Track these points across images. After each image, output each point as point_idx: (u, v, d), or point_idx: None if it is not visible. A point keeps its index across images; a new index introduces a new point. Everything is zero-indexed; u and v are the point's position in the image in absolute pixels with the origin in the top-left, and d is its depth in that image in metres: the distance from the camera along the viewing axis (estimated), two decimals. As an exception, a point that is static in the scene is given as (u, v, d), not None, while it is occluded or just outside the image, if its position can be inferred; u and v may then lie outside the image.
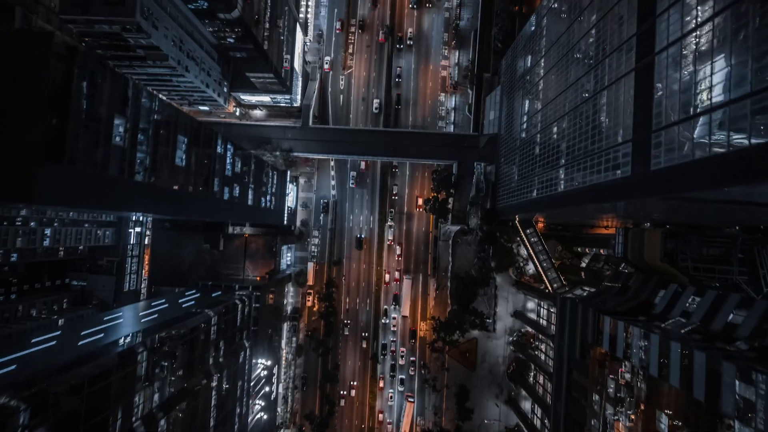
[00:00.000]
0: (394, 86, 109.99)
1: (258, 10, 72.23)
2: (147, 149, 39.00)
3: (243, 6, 64.04)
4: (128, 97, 35.67)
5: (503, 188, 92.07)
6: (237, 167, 64.12)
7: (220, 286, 79.83)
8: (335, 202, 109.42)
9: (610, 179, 47.20)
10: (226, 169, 59.87)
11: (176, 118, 45.62)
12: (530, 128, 77.21)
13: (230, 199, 61.28)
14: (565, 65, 62.97)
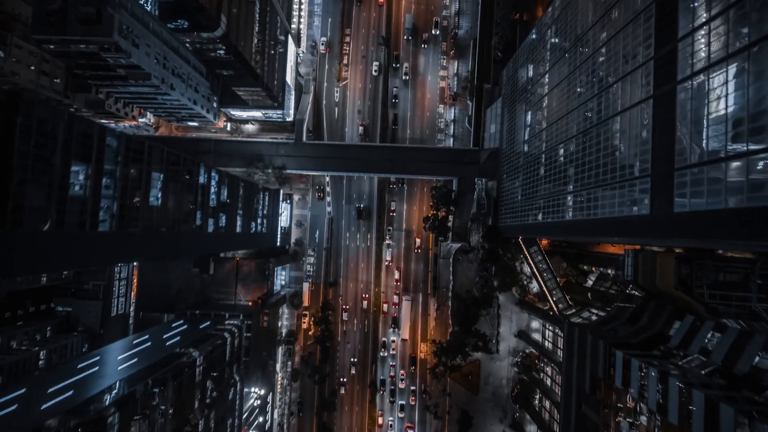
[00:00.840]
0: (391, 106, 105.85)
1: (244, 25, 68.22)
2: (114, 194, 35.11)
3: (227, 23, 60.08)
4: (90, 141, 31.79)
5: (506, 206, 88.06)
6: (223, 195, 60.19)
7: (209, 315, 75.77)
8: (331, 219, 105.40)
9: (626, 215, 43.17)
10: (210, 199, 55.95)
11: (149, 155, 41.71)
12: (534, 146, 73.24)
13: (215, 231, 57.39)
14: (572, 83, 58.97)
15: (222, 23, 57.83)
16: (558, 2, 66.44)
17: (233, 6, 62.67)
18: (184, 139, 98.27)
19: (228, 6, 60.16)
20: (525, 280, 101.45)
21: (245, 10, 68.15)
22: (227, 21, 59.50)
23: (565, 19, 62.32)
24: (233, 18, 63.48)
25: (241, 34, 67.75)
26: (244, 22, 67.81)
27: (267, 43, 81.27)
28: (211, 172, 56.06)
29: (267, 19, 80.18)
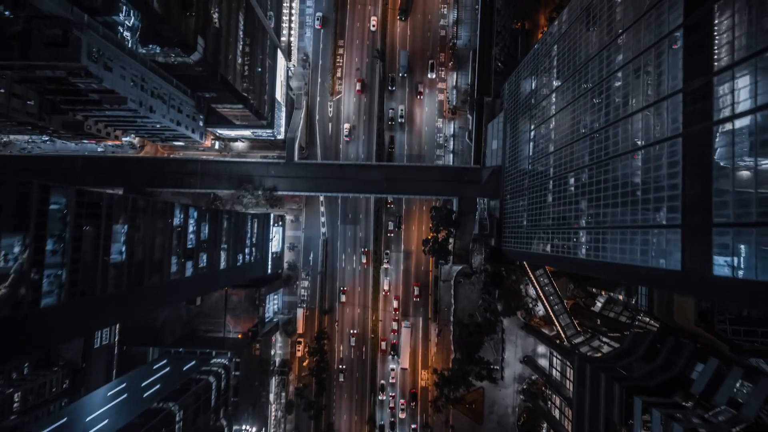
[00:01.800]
0: (387, 128, 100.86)
1: (226, 44, 63.19)
2: (63, 260, 30.28)
3: (206, 45, 55.04)
4: (27, 206, 26.97)
5: (510, 229, 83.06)
6: (203, 233, 55.25)
7: (195, 353, 70.69)
8: (326, 240, 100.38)
9: (651, 266, 38.19)
10: (188, 240, 51.00)
11: (110, 209, 36.75)
12: (540, 169, 68.27)
13: (195, 274, 52.48)
14: (583, 107, 54.01)
15: (199, 47, 52.84)
16: (565, 17, 61.49)
17: (212, 25, 57.63)
18: (169, 160, 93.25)
19: (206, 26, 55.14)
20: (530, 303, 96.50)
21: (228, 27, 63.14)
22: (205, 43, 54.50)
23: (574, 36, 57.33)
24: (212, 38, 58.45)
25: (223, 54, 62.73)
26: (226, 41, 62.80)
27: (253, 60, 76.25)
28: (189, 210, 51.10)
29: (253, 35, 75.14)
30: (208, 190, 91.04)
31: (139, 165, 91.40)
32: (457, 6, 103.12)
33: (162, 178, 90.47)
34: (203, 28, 53.69)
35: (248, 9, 71.69)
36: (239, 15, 66.71)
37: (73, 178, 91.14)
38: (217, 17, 58.20)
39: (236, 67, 66.88)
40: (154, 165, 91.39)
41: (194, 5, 50.20)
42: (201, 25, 52.89)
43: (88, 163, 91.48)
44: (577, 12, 57.02)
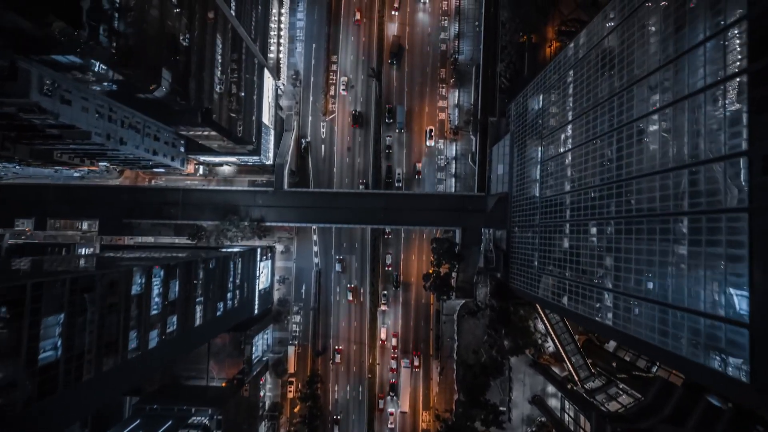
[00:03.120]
0: (384, 157, 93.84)
1: (200, 71, 56.11)
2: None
3: (173, 77, 47.97)
4: None
5: (519, 264, 76.00)
6: (173, 291, 48.32)
7: (172, 410, 63.68)
8: (319, 271, 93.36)
9: (706, 365, 31.13)
10: (153, 305, 44.11)
11: (36, 298, 29.83)
12: (553, 205, 61.21)
13: (163, 342, 45.59)
14: (608, 147, 46.95)
15: (164, 81, 45.92)
16: (583, 40, 54.42)
17: (181, 54, 50.56)
18: (148, 189, 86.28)
19: (173, 55, 48.12)
20: (540, 339, 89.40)
21: (201, 53, 56.06)
22: (173, 75, 47.52)
23: (595, 65, 50.22)
24: (182, 67, 51.39)
25: (197, 83, 55.67)
26: (200, 69, 55.73)
27: (236, 84, 69.23)
28: (153, 271, 44.14)
29: (234, 57, 68.11)
30: (190, 222, 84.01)
31: (117, 195, 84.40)
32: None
33: (141, 209, 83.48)
34: (168, 59, 46.67)
35: (227, 29, 64.67)
36: (216, 37, 59.67)
37: (45, 209, 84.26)
38: (186, 43, 51.16)
39: (214, 95, 59.84)
40: (133, 194, 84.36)
41: (153, 37, 43.24)
42: (165, 56, 45.91)
43: (61, 193, 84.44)
44: (599, 36, 49.96)
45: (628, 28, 43.23)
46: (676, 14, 35.51)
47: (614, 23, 46.24)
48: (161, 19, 44.87)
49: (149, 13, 43.02)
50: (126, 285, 39.35)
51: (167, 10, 46.26)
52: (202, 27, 54.77)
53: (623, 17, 44.25)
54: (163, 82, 45.91)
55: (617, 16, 45.92)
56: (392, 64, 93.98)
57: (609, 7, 47.81)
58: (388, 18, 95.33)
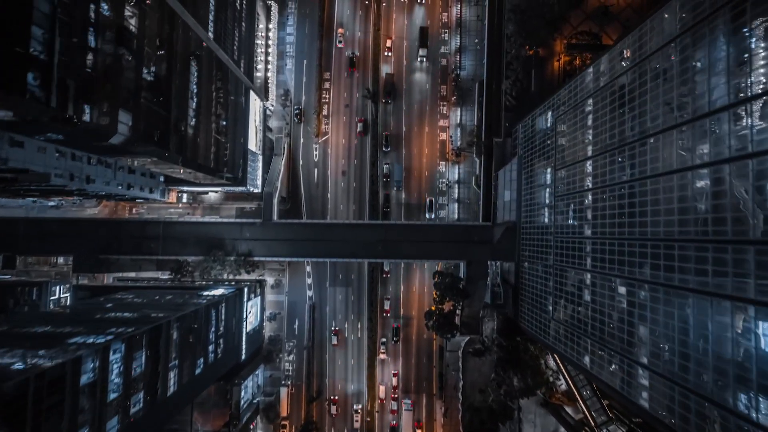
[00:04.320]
0: (382, 186, 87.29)
1: (168, 106, 49.54)
2: None
3: (135, 119, 41.40)
4: None
5: (529, 303, 69.54)
6: (137, 366, 41.86)
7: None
8: (313, 305, 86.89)
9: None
10: (111, 390, 37.68)
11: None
12: (570, 249, 54.68)
13: (124, 427, 39.17)
14: (640, 193, 40.40)
15: (122, 126, 39.41)
16: (604, 66, 47.84)
17: (146, 89, 44.04)
18: (127, 222, 79.76)
19: (135, 93, 41.60)
20: (551, 376, 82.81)
21: (170, 83, 49.52)
22: (135, 115, 41.09)
23: (624, 96, 43.63)
24: (148, 104, 44.87)
25: (164, 121, 49.13)
26: (168, 103, 49.17)
27: (216, 113, 62.75)
28: (111, 348, 37.75)
29: (213, 82, 61.64)
30: (171, 257, 77.61)
31: (93, 228, 77.87)
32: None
33: (118, 244, 76.98)
34: (127, 100, 40.17)
35: (204, 54, 58.17)
36: (190, 65, 53.16)
37: (15, 245, 77.80)
38: (152, 77, 44.66)
39: (188, 130, 53.33)
40: (110, 228, 77.87)
41: (105, 78, 36.72)
42: (123, 98, 39.42)
43: (33, 227, 77.89)
44: (623, 66, 43.39)
45: (675, 53, 36.72)
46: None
47: (651, 48, 39.70)
48: (115, 56, 38.40)
49: (99, 51, 36.53)
50: (74, 377, 33.06)
51: (124, 44, 39.76)
52: (171, 57, 48.27)
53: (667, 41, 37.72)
54: (121, 127, 39.47)
55: (652, 41, 39.37)
56: (387, 103, 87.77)
57: (640, 31, 41.25)
58: (382, 60, 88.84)
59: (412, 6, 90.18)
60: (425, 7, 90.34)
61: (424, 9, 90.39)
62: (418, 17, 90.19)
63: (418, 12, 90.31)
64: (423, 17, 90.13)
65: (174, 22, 49.64)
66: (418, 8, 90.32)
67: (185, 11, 49.68)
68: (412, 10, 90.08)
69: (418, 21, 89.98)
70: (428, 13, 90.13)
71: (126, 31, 39.68)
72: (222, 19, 62.10)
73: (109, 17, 37.86)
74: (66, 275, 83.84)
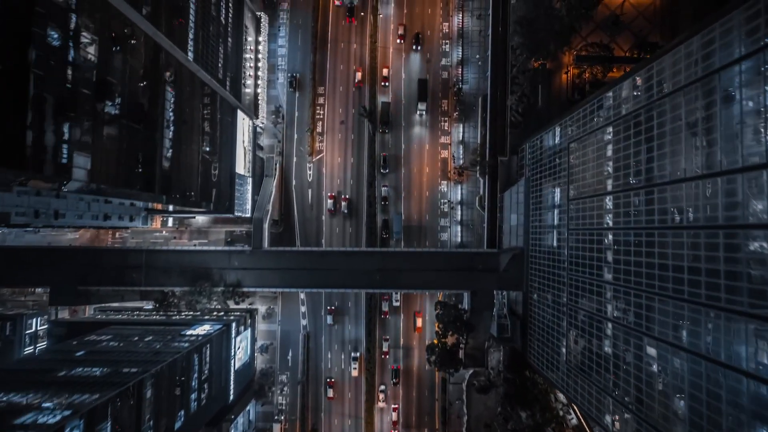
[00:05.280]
0: (381, 211, 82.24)
1: (135, 139, 44.46)
2: None
3: (94, 159, 36.25)
4: None
5: (539, 339, 64.45)
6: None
7: None
8: (307, 334, 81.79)
9: None
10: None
11: None
12: (585, 289, 49.59)
13: None
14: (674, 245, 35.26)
15: (77, 170, 34.29)
16: (625, 93, 42.70)
17: (110, 123, 38.91)
18: (107, 250, 74.65)
19: (95, 129, 36.42)
20: (561, 410, 77.73)
21: (142, 114, 44.44)
22: (95, 157, 36.02)
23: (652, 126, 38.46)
24: (113, 139, 39.78)
25: (132, 155, 44.05)
26: (137, 136, 44.09)
27: (197, 139, 57.67)
28: (67, 428, 32.61)
29: (195, 107, 56.51)
30: (156, 288, 72.54)
31: (71, 257, 72.67)
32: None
33: (99, 274, 71.82)
34: (85, 138, 35.03)
35: (183, 76, 53.05)
36: (165, 91, 48.02)
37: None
38: (117, 110, 39.53)
39: (163, 164, 48.20)
40: (89, 257, 72.65)
41: (58, 113, 31.59)
42: (79, 136, 34.30)
43: (6, 256, 72.79)
44: (652, 94, 38.23)
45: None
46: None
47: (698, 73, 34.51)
48: (70, 90, 33.25)
49: (50, 88, 31.41)
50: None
51: (79, 76, 34.63)
52: (141, 84, 43.19)
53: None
54: (77, 173, 34.38)
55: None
56: (385, 132, 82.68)
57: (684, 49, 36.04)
58: (379, 90, 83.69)
59: (408, 53, 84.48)
60: (421, 55, 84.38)
61: (420, 57, 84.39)
62: (414, 65, 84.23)
63: (414, 60, 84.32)
64: (420, 66, 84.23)
65: (145, 44, 44.58)
66: (414, 55, 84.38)
67: (158, 32, 44.59)
68: (408, 58, 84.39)
69: (415, 66, 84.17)
70: (424, 59, 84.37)
71: (83, 62, 34.57)
72: (203, 37, 56.99)
73: (60, 43, 32.73)
74: (45, 305, 78.80)
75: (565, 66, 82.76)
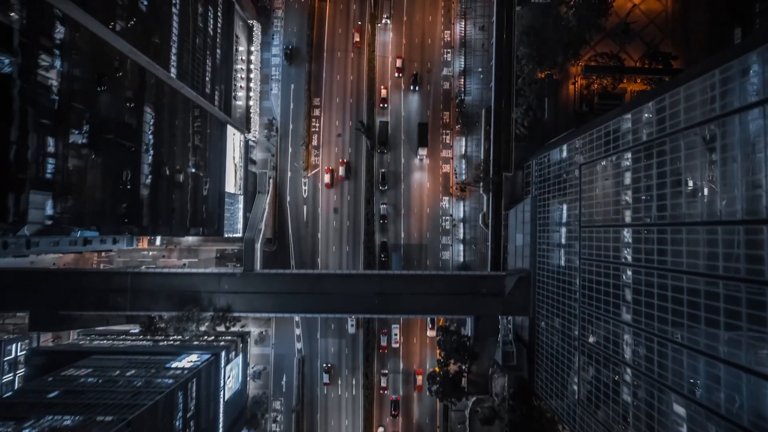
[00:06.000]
0: (379, 231, 78.44)
1: (119, 161, 40.63)
2: None
3: (58, 196, 32.42)
4: None
5: (547, 369, 60.60)
6: None
7: None
8: (302, 359, 77.95)
9: None
10: None
11: None
12: (599, 326, 45.73)
13: None
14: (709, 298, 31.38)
15: (33, 211, 30.35)
16: (654, 116, 38.83)
17: (76, 154, 35.07)
18: (90, 273, 70.84)
19: (55, 165, 32.55)
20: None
21: (114, 141, 40.59)
22: (56, 195, 32.25)
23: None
24: (77, 177, 35.93)
25: (113, 188, 40.23)
26: (109, 167, 40.26)
27: (182, 162, 53.83)
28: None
29: (179, 126, 52.66)
30: (141, 313, 68.73)
31: (52, 280, 68.78)
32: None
33: (81, 298, 67.96)
34: (39, 176, 31.20)
35: (165, 95, 49.19)
36: (143, 112, 44.16)
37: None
38: (84, 139, 35.69)
39: (141, 193, 44.36)
40: (71, 280, 68.77)
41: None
42: (35, 173, 30.47)
43: (-18, 278, 68.94)
44: (678, 122, 34.34)
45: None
46: None
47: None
48: (30, 118, 29.40)
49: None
50: None
51: (35, 99, 30.78)
52: (113, 107, 39.33)
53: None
54: (34, 215, 30.51)
55: (719, 103, 30.29)
56: (383, 153, 78.74)
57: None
58: (378, 112, 79.72)
59: (407, 91, 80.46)
60: (420, 95, 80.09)
61: (419, 97, 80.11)
62: (413, 105, 80.00)
63: (413, 100, 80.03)
64: (419, 107, 79.99)
65: (120, 63, 40.74)
66: (412, 95, 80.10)
67: (134, 50, 40.73)
68: (407, 97, 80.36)
69: (413, 106, 79.96)
70: (424, 100, 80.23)
71: (40, 87, 30.73)
72: (188, 51, 53.12)
73: (12, 68, 28.89)
74: (26, 330, 74.88)
75: (572, 76, 78.84)
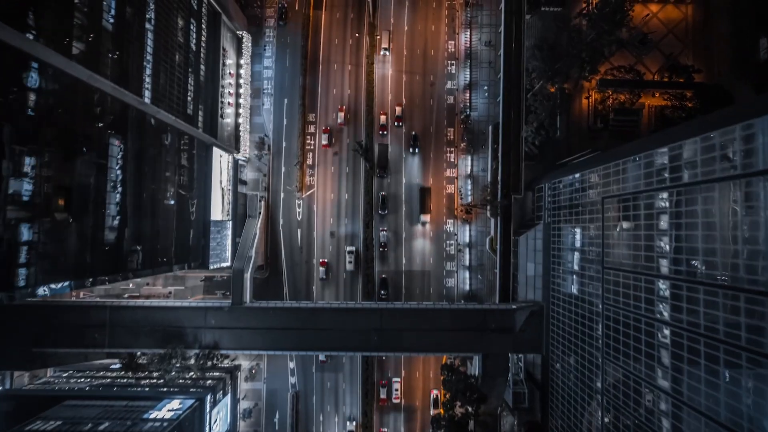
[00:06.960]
0: (379, 259, 73.08)
1: (79, 201, 35.31)
2: None
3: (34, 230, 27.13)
4: None
5: (563, 416, 55.20)
6: None
7: None
8: (296, 394, 72.58)
9: None
10: None
11: None
12: (628, 384, 40.36)
13: None
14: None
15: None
16: (701, 155, 33.45)
17: (22, 202, 29.83)
18: (65, 307, 65.25)
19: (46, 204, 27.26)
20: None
21: (72, 178, 35.22)
22: (32, 228, 26.87)
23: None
24: (51, 207, 30.66)
25: (72, 232, 34.91)
26: (67, 208, 34.95)
27: (157, 193, 48.44)
28: None
29: (154, 155, 47.27)
30: (120, 351, 63.40)
31: (24, 315, 63.47)
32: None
33: (56, 334, 62.66)
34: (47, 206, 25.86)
35: (134, 122, 43.81)
36: (108, 144, 38.79)
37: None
38: (31, 183, 30.40)
39: (106, 237, 38.98)
40: (45, 314, 63.42)
41: None
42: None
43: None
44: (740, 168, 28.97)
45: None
46: None
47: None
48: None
49: None
50: None
51: None
52: (68, 143, 33.99)
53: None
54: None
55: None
56: (382, 177, 73.36)
57: None
58: (377, 138, 74.29)
59: (407, 153, 74.59)
60: (421, 157, 74.37)
61: (420, 160, 74.45)
62: (413, 169, 74.35)
63: (413, 163, 74.28)
64: (420, 170, 74.43)
65: (76, 92, 35.36)
66: (412, 158, 74.35)
67: (93, 75, 35.32)
68: (407, 161, 74.60)
69: (414, 170, 74.29)
70: (426, 165, 74.68)
71: None
72: (166, 70, 47.73)
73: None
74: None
75: (585, 90, 73.43)
